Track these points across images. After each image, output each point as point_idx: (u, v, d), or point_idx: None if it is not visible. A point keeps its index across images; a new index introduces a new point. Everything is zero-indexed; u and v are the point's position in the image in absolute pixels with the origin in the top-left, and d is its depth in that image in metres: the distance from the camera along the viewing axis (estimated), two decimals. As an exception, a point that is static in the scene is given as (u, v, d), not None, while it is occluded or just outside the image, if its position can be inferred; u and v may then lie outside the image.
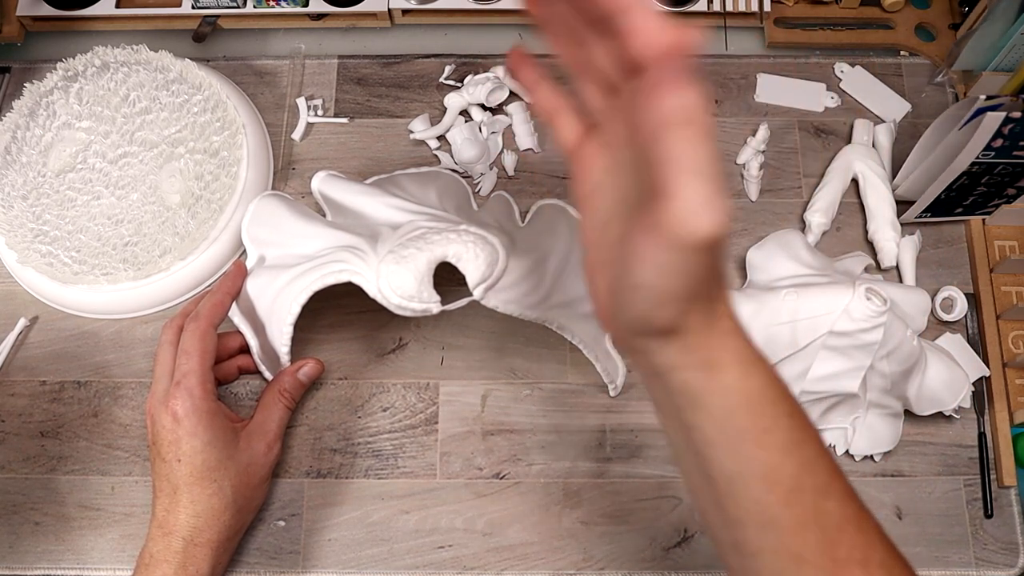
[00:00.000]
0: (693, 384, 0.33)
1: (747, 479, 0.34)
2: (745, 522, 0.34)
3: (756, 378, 0.34)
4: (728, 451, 0.34)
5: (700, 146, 0.27)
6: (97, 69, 0.63)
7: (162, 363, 0.53)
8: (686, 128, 0.27)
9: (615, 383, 0.58)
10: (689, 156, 0.27)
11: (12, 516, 0.57)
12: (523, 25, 0.71)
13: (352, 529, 0.57)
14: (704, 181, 0.27)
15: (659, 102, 0.27)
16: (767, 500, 0.34)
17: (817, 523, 0.34)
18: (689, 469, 0.36)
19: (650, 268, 0.29)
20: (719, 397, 0.33)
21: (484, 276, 0.51)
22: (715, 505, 0.35)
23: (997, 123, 0.51)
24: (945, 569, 0.56)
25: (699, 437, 0.34)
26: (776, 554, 0.34)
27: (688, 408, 0.34)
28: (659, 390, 0.35)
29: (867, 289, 0.52)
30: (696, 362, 0.33)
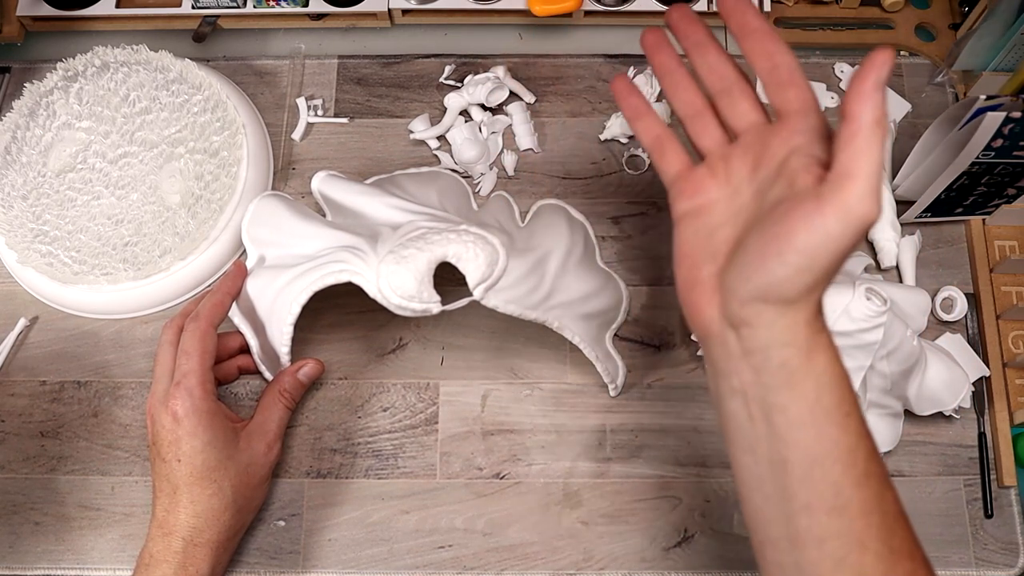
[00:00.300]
0: (793, 360, 0.37)
1: (826, 461, 0.36)
2: (815, 507, 0.36)
3: (841, 366, 0.38)
4: (814, 431, 0.36)
5: (881, 146, 0.33)
6: (97, 69, 0.63)
7: (162, 363, 0.53)
8: (879, 127, 0.33)
9: (615, 383, 0.58)
10: (876, 150, 0.33)
11: (12, 516, 0.57)
12: (523, 25, 0.71)
13: (352, 529, 0.57)
14: (878, 174, 0.33)
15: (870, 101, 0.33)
16: (843, 482, 0.36)
17: (880, 509, 0.36)
18: (759, 458, 0.38)
19: (813, 233, 0.34)
20: (812, 377, 0.37)
21: (484, 276, 0.51)
22: (782, 494, 0.37)
23: (997, 123, 0.51)
24: (945, 569, 0.56)
25: (784, 419, 0.37)
26: (841, 540, 0.36)
27: (781, 387, 0.37)
28: (747, 372, 0.38)
29: (867, 289, 0.52)
30: (799, 340, 0.37)
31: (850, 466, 0.36)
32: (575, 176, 0.65)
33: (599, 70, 0.69)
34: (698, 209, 0.42)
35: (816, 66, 0.69)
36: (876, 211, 0.33)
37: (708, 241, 0.41)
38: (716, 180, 0.42)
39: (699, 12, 0.69)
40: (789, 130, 0.39)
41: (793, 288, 0.35)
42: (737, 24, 0.41)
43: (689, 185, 0.43)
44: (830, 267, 0.35)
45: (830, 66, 0.69)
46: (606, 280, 0.60)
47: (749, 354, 0.38)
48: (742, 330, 0.38)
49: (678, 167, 0.44)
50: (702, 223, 0.41)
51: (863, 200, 0.33)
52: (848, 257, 0.35)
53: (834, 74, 0.68)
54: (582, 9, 0.68)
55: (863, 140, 0.33)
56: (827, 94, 0.67)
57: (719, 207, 0.41)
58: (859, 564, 0.36)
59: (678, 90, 0.45)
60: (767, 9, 0.68)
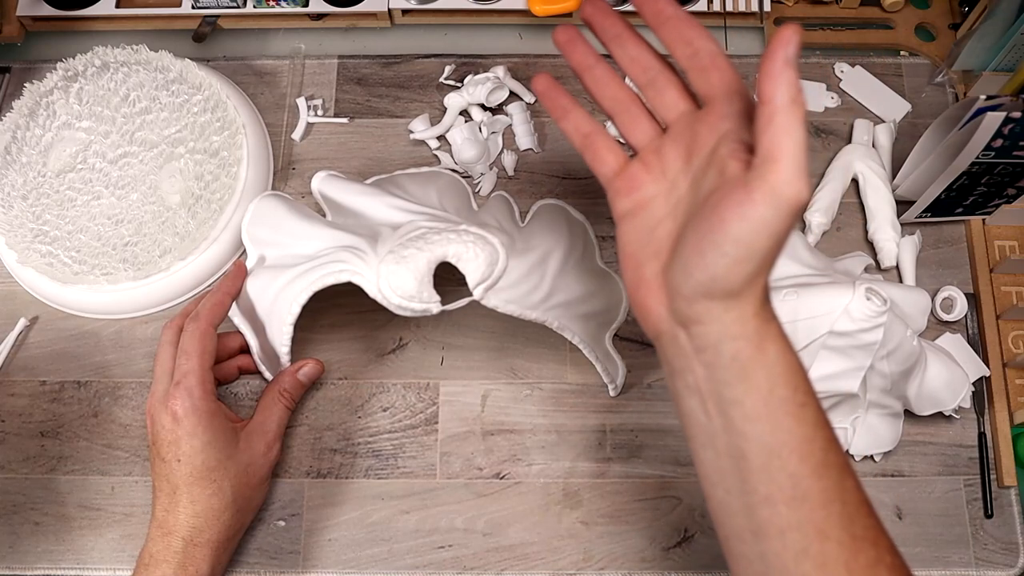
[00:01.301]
0: (744, 353, 0.36)
1: (783, 452, 0.36)
2: (776, 499, 0.36)
3: (793, 355, 0.37)
4: (769, 424, 0.36)
5: (801, 124, 0.32)
6: (97, 69, 0.63)
7: (162, 363, 0.53)
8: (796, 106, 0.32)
9: (615, 383, 0.58)
10: (796, 129, 0.32)
11: (12, 516, 0.57)
12: (523, 25, 0.71)
13: (352, 529, 0.57)
14: (803, 153, 0.32)
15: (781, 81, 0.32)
16: (801, 472, 0.36)
17: (841, 498, 0.36)
18: (718, 453, 0.38)
19: (744, 222, 0.33)
20: (765, 368, 0.36)
21: (484, 276, 0.51)
22: (742, 487, 0.37)
23: (997, 123, 0.51)
24: (945, 569, 0.56)
25: (740, 413, 0.36)
26: (802, 530, 0.36)
27: (735, 381, 0.36)
28: (699, 368, 0.37)
29: (867, 289, 0.52)
30: (749, 332, 0.36)
31: (807, 456, 0.36)
32: (575, 176, 0.65)
33: (599, 70, 0.69)
34: (637, 206, 0.41)
35: (816, 66, 0.69)
36: (805, 191, 0.33)
37: (650, 238, 0.40)
38: (651, 175, 0.41)
39: (699, 12, 0.69)
40: (716, 115, 0.38)
41: (735, 280, 0.35)
42: (651, 13, 0.40)
43: (625, 183, 0.42)
44: (769, 253, 0.34)
45: (830, 66, 0.69)
46: (606, 280, 0.60)
47: (700, 351, 0.37)
48: (691, 327, 0.37)
49: (613, 165, 0.43)
50: (642, 221, 0.40)
51: (790, 182, 0.32)
52: (786, 240, 0.35)
53: (834, 74, 0.68)
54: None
55: (781, 120, 0.32)
56: (827, 94, 0.67)
57: (658, 202, 0.40)
58: (821, 553, 0.35)
59: (601, 86, 0.43)
60: (767, 9, 0.68)
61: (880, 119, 0.67)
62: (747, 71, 0.68)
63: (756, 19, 0.69)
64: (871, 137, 0.65)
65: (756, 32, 0.71)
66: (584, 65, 0.44)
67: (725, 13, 0.69)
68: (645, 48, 0.42)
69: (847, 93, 0.68)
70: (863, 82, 0.68)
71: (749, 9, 0.69)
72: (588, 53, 0.44)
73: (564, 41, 0.44)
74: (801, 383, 0.37)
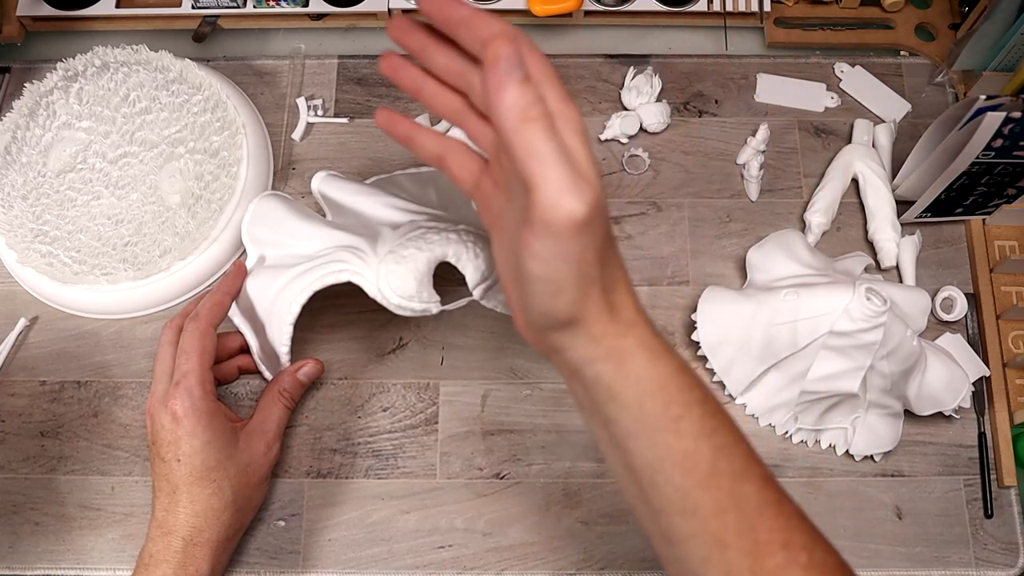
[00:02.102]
0: (605, 375, 0.35)
1: (665, 466, 0.35)
2: (668, 510, 0.35)
3: (664, 367, 0.35)
4: (646, 440, 0.35)
5: (549, 135, 0.29)
6: (97, 69, 0.63)
7: (162, 363, 0.53)
8: (530, 123, 0.29)
9: (615, 383, 0.58)
10: (541, 147, 0.29)
11: (12, 516, 0.57)
12: (523, 25, 0.71)
13: (352, 529, 0.57)
14: (561, 167, 0.29)
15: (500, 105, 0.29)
16: (686, 486, 0.35)
17: (736, 506, 0.35)
18: (614, 464, 0.37)
19: (536, 259, 0.32)
20: (630, 386, 0.35)
21: (484, 276, 0.51)
22: (640, 497, 0.36)
23: (997, 123, 0.51)
24: (945, 569, 0.56)
25: (618, 430, 0.36)
26: (700, 539, 0.35)
27: (605, 400, 0.35)
28: (579, 388, 0.37)
29: (867, 289, 0.52)
30: (604, 353, 0.35)
31: (691, 469, 0.35)
32: (575, 176, 0.65)
33: (599, 70, 0.69)
34: (493, 222, 0.38)
35: (816, 66, 0.69)
36: (575, 208, 0.30)
37: (507, 263, 0.38)
38: (497, 187, 0.38)
39: (699, 12, 0.69)
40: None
41: (562, 310, 0.33)
42: (444, 20, 0.36)
43: (480, 197, 0.39)
44: (579, 273, 0.33)
45: (830, 66, 0.69)
46: (606, 280, 0.60)
47: (572, 374, 0.37)
48: (553, 356, 0.37)
49: (468, 181, 0.40)
50: (500, 240, 0.38)
51: (554, 206, 0.30)
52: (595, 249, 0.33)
53: (834, 74, 0.68)
54: (582, 9, 0.68)
55: (519, 145, 0.30)
56: (827, 94, 0.67)
57: (506, 218, 0.37)
58: (723, 560, 0.35)
59: (434, 99, 0.40)
60: (767, 9, 0.68)
61: (880, 119, 0.67)
62: (747, 71, 0.69)
63: (756, 19, 0.69)
64: (871, 137, 0.65)
65: (756, 32, 0.71)
66: (413, 85, 0.41)
67: (725, 13, 0.69)
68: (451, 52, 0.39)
69: (847, 93, 0.68)
70: (863, 82, 0.68)
71: (749, 9, 0.69)
72: (413, 72, 0.41)
73: (389, 69, 0.41)
74: (676, 395, 0.35)
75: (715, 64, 0.69)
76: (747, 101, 0.68)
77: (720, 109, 0.67)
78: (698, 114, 0.67)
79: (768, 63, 0.69)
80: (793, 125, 0.67)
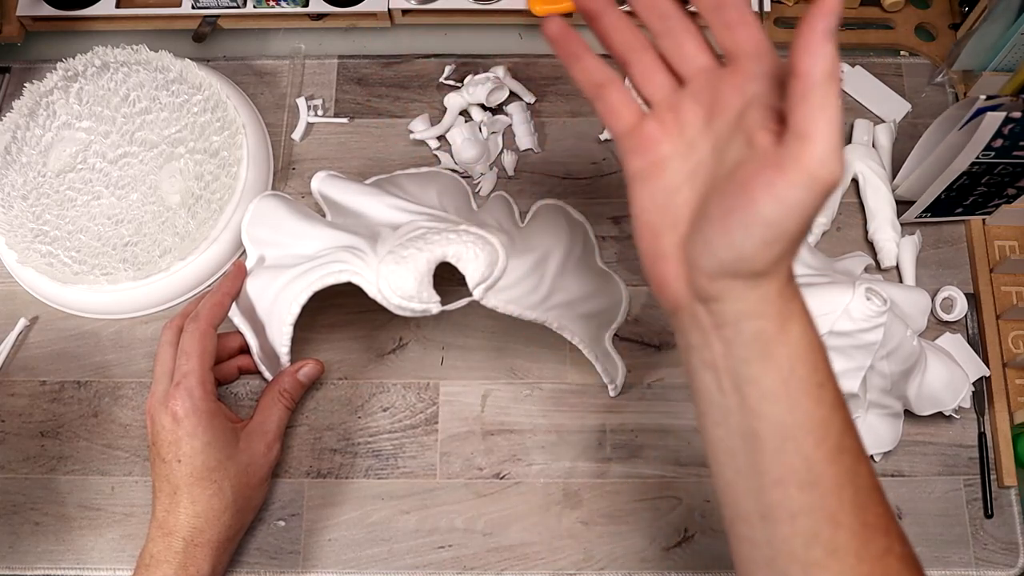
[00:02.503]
0: (767, 332, 0.35)
1: (798, 434, 0.35)
2: (788, 482, 0.35)
3: (815, 334, 0.36)
4: (786, 404, 0.35)
5: (837, 101, 0.31)
6: (97, 69, 0.63)
7: (162, 363, 0.53)
8: (834, 81, 0.31)
9: (615, 383, 0.58)
10: (832, 106, 0.31)
11: (12, 516, 0.57)
12: (523, 25, 0.71)
13: (352, 529, 0.57)
14: (838, 131, 0.31)
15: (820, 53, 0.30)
16: (815, 456, 0.35)
17: (853, 484, 0.35)
18: (731, 431, 0.37)
19: (777, 203, 0.32)
20: (787, 347, 0.35)
21: (484, 276, 0.51)
22: (753, 468, 0.36)
23: (997, 123, 0.51)
24: (945, 569, 0.56)
25: (756, 392, 0.35)
26: (814, 515, 0.35)
27: (755, 359, 0.35)
28: (719, 345, 0.36)
29: (867, 289, 0.52)
30: (772, 311, 0.35)
31: (822, 439, 0.35)
32: (575, 176, 0.65)
33: (599, 70, 0.69)
34: (652, 167, 0.38)
35: (816, 66, 0.69)
36: (839, 172, 0.31)
37: (667, 207, 0.38)
38: (668, 133, 0.38)
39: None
40: (742, 76, 0.36)
41: (762, 261, 0.34)
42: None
43: (639, 141, 0.39)
44: (797, 234, 0.33)
45: (830, 66, 0.69)
46: (606, 280, 0.60)
47: (720, 327, 0.36)
48: (712, 304, 0.36)
49: (626, 120, 0.40)
50: (658, 185, 0.38)
51: (824, 163, 0.31)
52: (813, 220, 0.33)
53: (834, 74, 0.68)
54: (582, 9, 0.68)
55: (817, 97, 0.31)
56: (827, 94, 0.67)
57: (674, 165, 0.38)
58: (832, 540, 0.35)
59: (613, 31, 0.40)
60: (767, 9, 0.68)
61: (880, 119, 0.67)
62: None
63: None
64: (871, 137, 0.65)
65: (756, 32, 0.71)
66: (595, 11, 0.40)
67: (725, 13, 0.69)
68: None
69: (847, 93, 0.68)
70: (863, 82, 0.68)
71: (749, 9, 0.69)
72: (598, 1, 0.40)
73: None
74: (821, 363, 0.36)
75: (715, 64, 0.69)
76: (747, 101, 0.67)
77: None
78: (698, 114, 0.67)
79: (768, 63, 0.69)
80: (793, 125, 0.67)
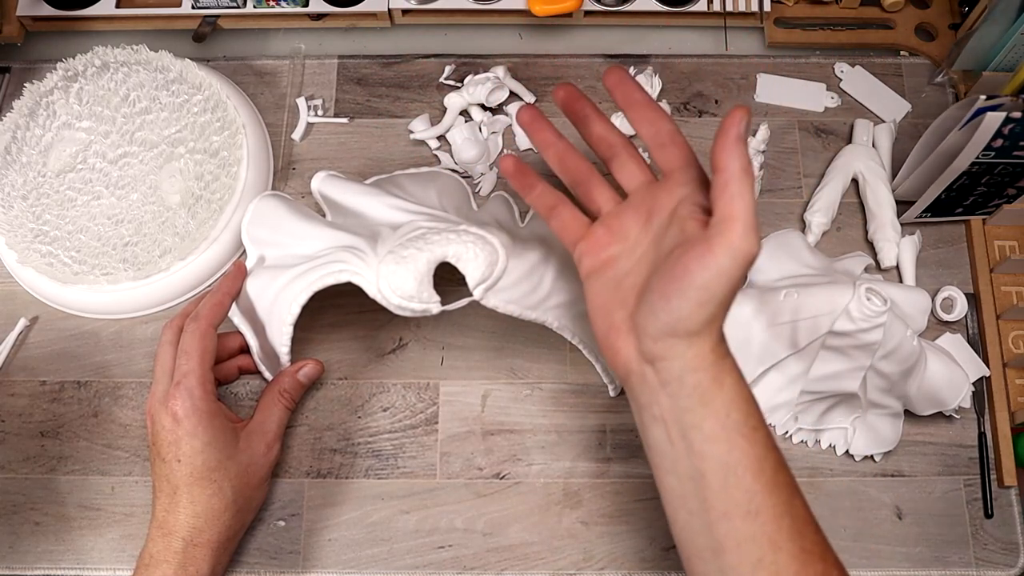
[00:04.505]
0: (703, 383, 0.41)
1: (738, 470, 0.40)
2: (733, 514, 0.40)
3: (746, 387, 0.42)
4: (726, 444, 0.41)
5: (751, 190, 0.38)
6: (97, 69, 0.63)
7: (162, 363, 0.53)
8: (748, 175, 0.38)
9: (615, 383, 0.58)
10: (748, 194, 0.38)
11: (12, 516, 0.57)
12: (523, 25, 0.71)
13: (352, 529, 0.57)
14: (754, 214, 0.38)
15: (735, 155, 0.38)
16: (754, 489, 0.40)
17: (791, 514, 0.40)
18: (680, 477, 0.42)
19: (707, 271, 0.38)
20: (722, 396, 0.41)
21: (484, 276, 0.51)
22: (702, 505, 0.41)
23: (997, 123, 0.51)
24: (945, 569, 0.56)
25: (699, 436, 0.41)
26: (757, 541, 0.40)
27: (696, 407, 0.41)
28: (665, 399, 0.42)
29: (867, 289, 0.52)
30: (707, 365, 0.41)
31: (759, 474, 0.40)
32: (575, 176, 0.65)
33: (599, 70, 0.69)
34: (602, 264, 0.46)
35: (816, 66, 0.69)
36: (757, 246, 0.38)
37: (617, 290, 0.45)
38: (613, 237, 0.46)
39: (699, 12, 0.69)
40: (674, 183, 0.44)
41: (697, 320, 0.40)
42: (622, 97, 0.47)
43: (590, 245, 0.47)
44: (725, 298, 0.39)
45: (830, 66, 0.69)
46: (606, 280, 0.60)
47: (666, 384, 0.41)
48: (657, 363, 0.42)
49: (577, 231, 0.48)
50: (609, 276, 0.46)
51: (745, 237, 0.38)
52: (736, 290, 0.40)
53: (834, 74, 0.68)
54: (582, 9, 0.68)
55: (735, 187, 0.38)
56: (827, 94, 0.67)
57: (621, 260, 0.45)
58: (774, 563, 0.39)
59: (564, 160, 0.50)
60: (767, 9, 0.68)
61: (880, 119, 0.67)
62: (747, 71, 0.69)
63: (756, 19, 0.70)
64: (871, 137, 0.65)
65: (756, 32, 0.71)
66: (548, 142, 0.50)
67: (725, 13, 0.69)
68: (610, 126, 0.49)
69: (847, 93, 0.68)
70: (863, 82, 0.68)
71: (749, 9, 0.69)
72: (552, 132, 0.50)
73: (527, 122, 0.51)
74: (753, 410, 0.42)
75: (715, 64, 0.69)
76: (747, 101, 0.68)
77: (720, 109, 0.67)
78: (698, 114, 0.67)
79: (768, 63, 0.69)
80: (793, 125, 0.67)
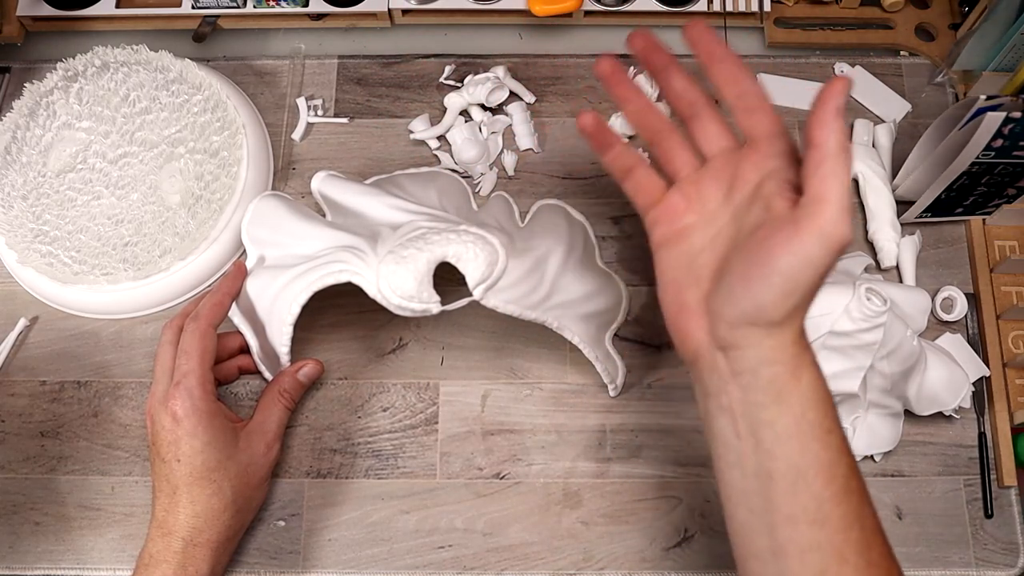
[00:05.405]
0: (781, 378, 0.38)
1: (809, 474, 0.38)
2: (799, 519, 0.38)
3: (824, 384, 0.39)
4: (798, 445, 0.38)
5: (848, 170, 0.36)
6: (97, 69, 0.63)
7: (162, 363, 0.53)
8: (845, 152, 0.35)
9: (615, 383, 0.58)
10: (843, 174, 0.35)
11: (12, 516, 0.57)
12: (523, 25, 0.71)
13: (352, 529, 0.57)
14: (848, 196, 0.35)
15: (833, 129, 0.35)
16: (824, 495, 0.38)
17: (859, 523, 0.38)
18: (745, 473, 0.39)
19: (794, 257, 0.36)
20: (799, 393, 0.38)
21: (484, 276, 0.51)
22: (766, 506, 0.39)
23: (997, 123, 0.51)
24: (945, 569, 0.56)
25: (771, 434, 0.38)
26: (822, 551, 0.37)
27: (770, 403, 0.38)
28: (736, 391, 0.39)
29: (867, 289, 0.52)
30: (786, 358, 0.38)
31: (831, 480, 0.38)
32: (575, 176, 0.65)
33: (599, 70, 0.69)
34: (675, 235, 0.43)
35: (816, 66, 0.69)
36: (850, 232, 0.35)
37: (690, 266, 0.42)
38: (690, 205, 0.43)
39: (699, 12, 0.69)
40: (760, 154, 0.41)
41: (780, 310, 0.37)
42: (705, 52, 0.43)
43: (664, 212, 0.44)
44: (812, 288, 0.37)
45: (830, 66, 0.69)
46: (606, 280, 0.60)
47: (738, 374, 0.39)
48: (731, 352, 0.39)
49: (652, 195, 0.45)
50: (682, 249, 0.43)
51: (837, 223, 0.35)
52: (826, 278, 0.37)
53: (834, 74, 0.68)
54: (582, 9, 0.68)
55: (830, 166, 0.35)
56: (827, 94, 0.67)
57: (696, 232, 0.42)
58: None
59: (641, 116, 0.46)
60: (767, 9, 0.68)
61: (880, 119, 0.67)
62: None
63: (756, 19, 0.70)
64: (871, 137, 0.65)
65: (756, 32, 0.71)
66: (625, 97, 0.46)
67: (725, 13, 0.69)
68: (690, 83, 0.45)
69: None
70: (863, 82, 0.68)
71: (749, 9, 0.69)
72: (629, 85, 0.46)
73: (607, 73, 0.46)
74: (830, 411, 0.39)
75: (715, 64, 0.69)
76: (747, 101, 0.67)
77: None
78: (698, 114, 0.67)
79: (768, 63, 0.69)
80: (793, 125, 0.67)
